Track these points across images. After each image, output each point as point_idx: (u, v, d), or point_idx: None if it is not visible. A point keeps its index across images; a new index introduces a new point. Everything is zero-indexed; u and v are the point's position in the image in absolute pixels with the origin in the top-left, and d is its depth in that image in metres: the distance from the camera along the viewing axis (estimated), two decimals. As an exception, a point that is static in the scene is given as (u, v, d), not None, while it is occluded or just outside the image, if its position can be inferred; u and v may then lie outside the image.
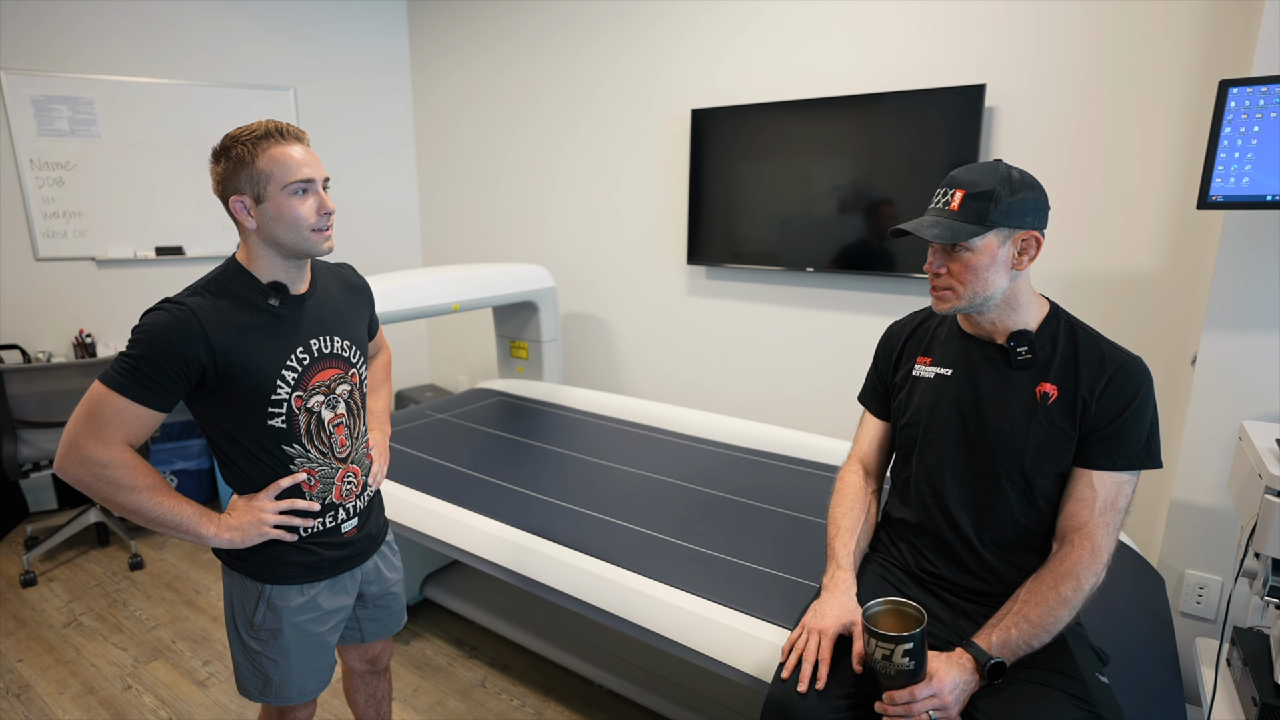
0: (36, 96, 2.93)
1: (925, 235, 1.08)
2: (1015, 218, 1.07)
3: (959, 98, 2.19)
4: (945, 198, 1.11)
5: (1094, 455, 1.09)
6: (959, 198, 1.09)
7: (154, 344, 1.03)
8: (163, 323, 1.04)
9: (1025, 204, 1.08)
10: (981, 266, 1.08)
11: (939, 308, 1.15)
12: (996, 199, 1.06)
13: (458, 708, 1.95)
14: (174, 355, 1.03)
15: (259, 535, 1.15)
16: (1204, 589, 1.79)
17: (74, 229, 3.08)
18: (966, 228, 1.07)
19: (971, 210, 1.07)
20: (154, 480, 1.08)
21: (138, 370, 1.03)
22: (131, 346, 1.04)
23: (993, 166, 1.09)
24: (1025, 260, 1.10)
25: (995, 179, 1.07)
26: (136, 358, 1.03)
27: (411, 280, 2.50)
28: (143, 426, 1.06)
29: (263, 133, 1.08)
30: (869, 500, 1.31)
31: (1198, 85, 1.89)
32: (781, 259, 2.66)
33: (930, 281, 1.15)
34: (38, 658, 2.16)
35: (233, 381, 1.09)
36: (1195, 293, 1.94)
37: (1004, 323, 1.15)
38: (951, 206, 1.09)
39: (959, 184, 1.10)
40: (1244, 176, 1.49)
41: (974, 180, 1.08)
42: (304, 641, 1.23)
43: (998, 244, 1.08)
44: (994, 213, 1.06)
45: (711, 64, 2.78)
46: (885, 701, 1.01)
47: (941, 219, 1.10)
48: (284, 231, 1.10)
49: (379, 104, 3.87)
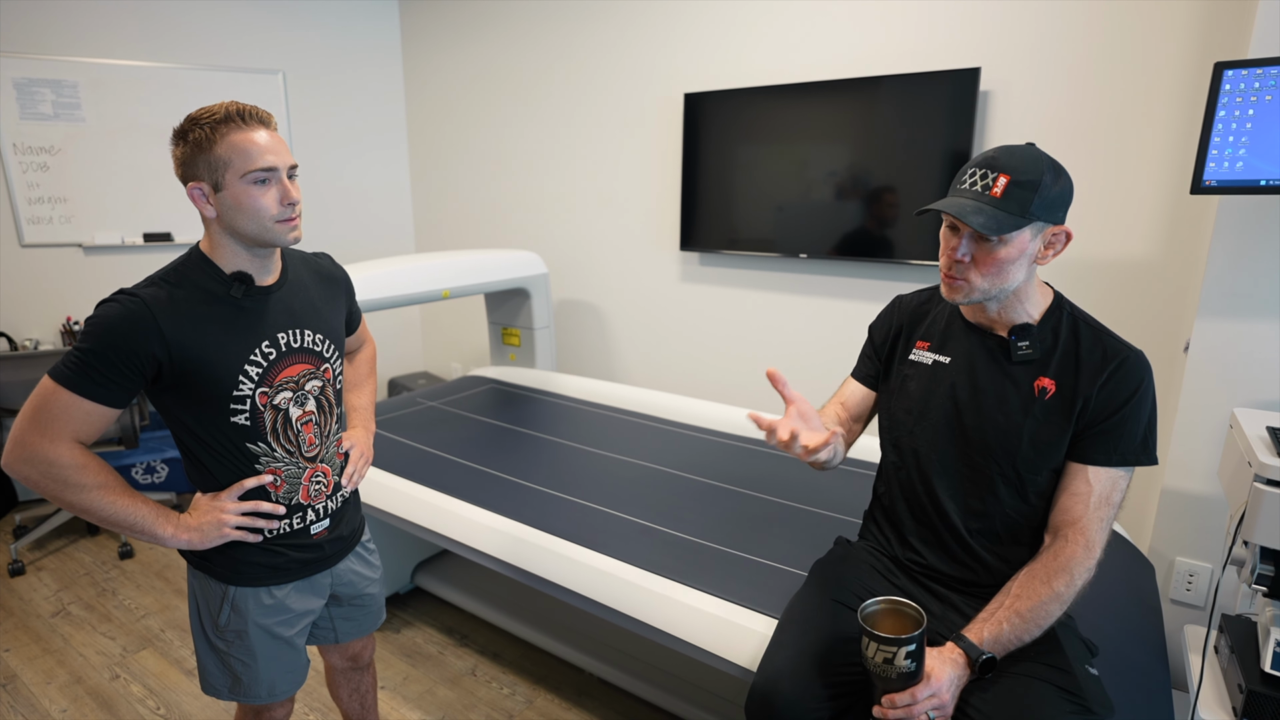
0: (18, 79, 2.88)
1: (971, 223, 0.99)
2: (1053, 210, 1.02)
3: (954, 81, 2.17)
4: (986, 180, 1.02)
5: (1090, 450, 1.08)
6: (1003, 184, 1.00)
7: (104, 338, 0.99)
8: (114, 315, 0.99)
9: (1062, 195, 1.02)
10: (1009, 260, 1.03)
11: (951, 296, 1.10)
12: (1042, 189, 0.99)
13: (448, 696, 1.95)
14: (124, 349, 0.99)
15: (219, 537, 1.10)
16: (1193, 576, 1.79)
17: (60, 215, 3.04)
18: (1010, 219, 0.99)
19: (1016, 200, 0.99)
20: (105, 479, 1.03)
21: (87, 365, 0.98)
22: (82, 340, 1.00)
23: (1035, 153, 1.02)
24: (1050, 255, 1.06)
25: (1041, 166, 1.00)
26: (85, 351, 0.99)
27: (400, 266, 2.47)
28: (93, 423, 1.01)
29: (223, 116, 1.01)
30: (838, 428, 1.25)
31: (1193, 69, 1.87)
32: (776, 245, 2.64)
33: (947, 269, 1.08)
34: (25, 647, 2.15)
35: (191, 376, 1.04)
36: (1189, 279, 1.93)
37: (1008, 314, 1.12)
38: (994, 192, 1.00)
39: (1003, 168, 1.01)
40: (1238, 161, 1.47)
41: (1019, 166, 1.01)
42: (271, 644, 1.19)
43: (1030, 237, 1.03)
44: (1036, 204, 0.99)
45: (705, 47, 2.75)
46: (885, 705, 0.99)
47: (984, 205, 1.01)
48: (244, 222, 1.04)
49: (370, 88, 3.82)
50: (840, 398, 1.33)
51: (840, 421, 1.28)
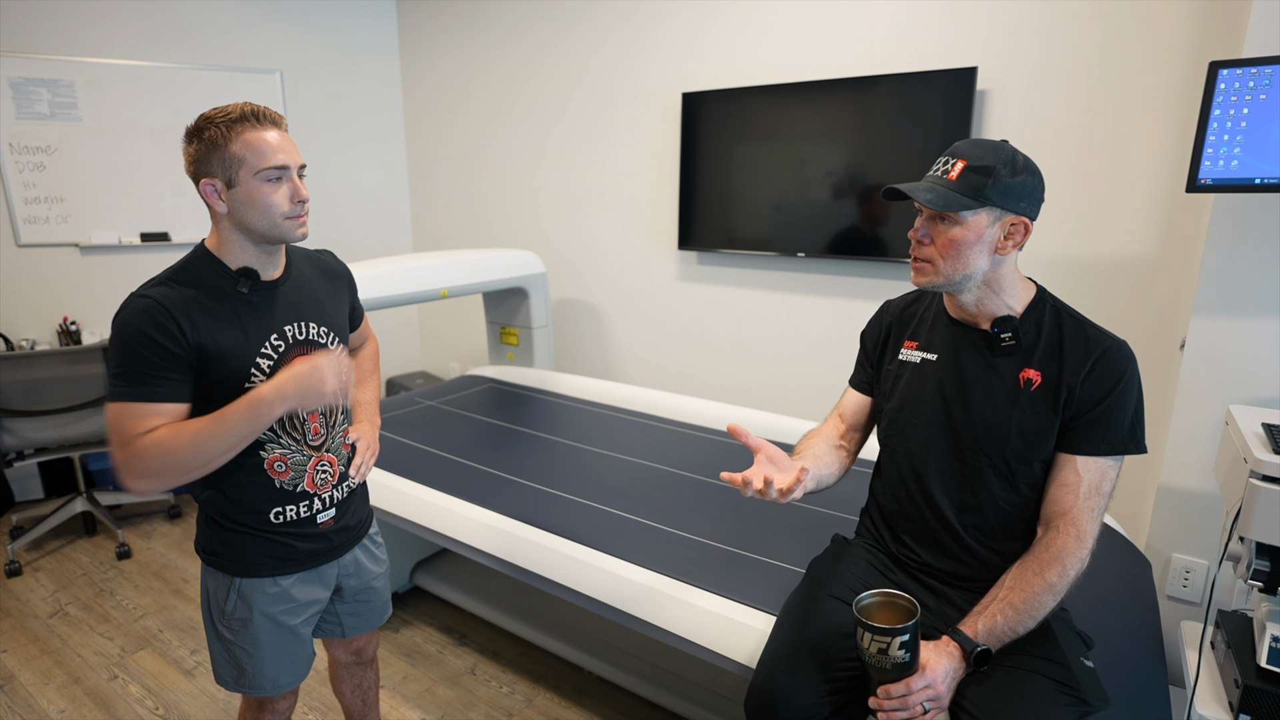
0: (14, 79, 2.87)
1: (918, 198, 1.07)
2: (1010, 199, 1.06)
3: (951, 80, 2.17)
4: (945, 166, 1.09)
5: (1078, 440, 1.09)
6: (959, 168, 1.07)
7: (134, 342, 1.00)
8: (134, 319, 1.01)
9: (1022, 187, 1.06)
10: (966, 243, 1.07)
11: (916, 280, 1.14)
12: (996, 176, 1.05)
13: (447, 695, 1.95)
14: (157, 345, 1.01)
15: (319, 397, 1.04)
16: (1190, 573, 1.80)
17: (56, 214, 3.04)
18: (960, 199, 1.05)
19: (969, 183, 1.05)
20: (188, 427, 1.01)
21: (132, 374, 1.00)
22: (116, 355, 1.01)
23: (998, 145, 1.08)
24: (1010, 245, 1.08)
25: (998, 156, 1.06)
26: (123, 363, 1.00)
27: (398, 266, 2.47)
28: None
29: (238, 115, 1.05)
30: (838, 445, 1.29)
31: (1189, 68, 1.88)
32: (773, 244, 2.64)
33: (911, 251, 1.14)
34: (22, 648, 2.15)
35: (206, 370, 1.06)
36: (1185, 277, 1.94)
37: (987, 307, 1.14)
38: (950, 176, 1.07)
39: (961, 155, 1.08)
40: (1233, 159, 1.48)
41: (977, 154, 1.07)
42: (275, 632, 1.22)
43: (987, 223, 1.06)
44: (990, 189, 1.04)
45: (703, 46, 2.75)
46: (880, 696, 1.00)
47: (937, 186, 1.08)
48: (255, 218, 1.07)
49: (367, 88, 3.81)
50: (839, 409, 1.36)
51: (840, 434, 1.32)
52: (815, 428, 1.35)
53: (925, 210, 1.11)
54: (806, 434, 1.33)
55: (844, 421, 1.34)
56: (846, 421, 1.34)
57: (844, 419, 1.34)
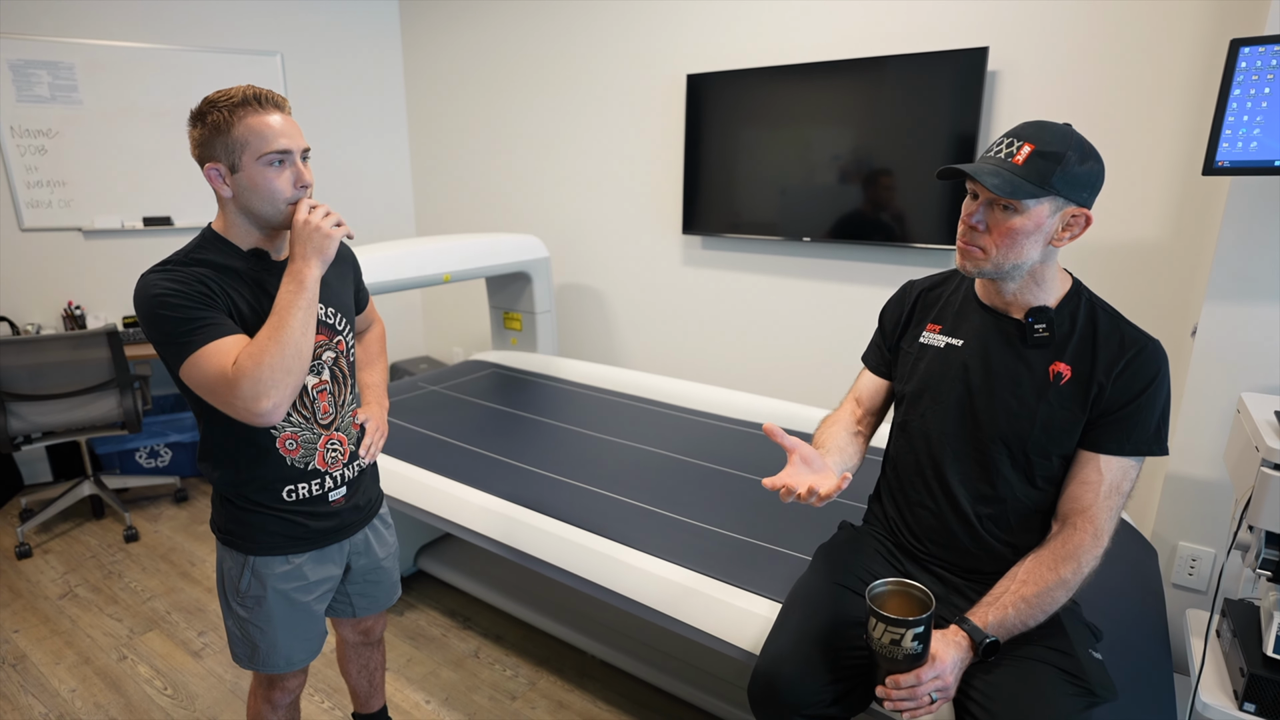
0: (14, 61, 2.85)
1: (985, 183, 0.99)
2: (1075, 189, 1.00)
3: (961, 61, 2.13)
4: (1010, 148, 1.02)
5: (1103, 439, 1.07)
6: (1026, 152, 1.00)
7: (170, 300, 1.00)
8: (159, 284, 1.02)
9: (1088, 176, 1.01)
10: (1024, 233, 1.02)
11: (966, 267, 1.09)
12: (1065, 163, 0.99)
13: (451, 678, 1.97)
14: (193, 294, 1.02)
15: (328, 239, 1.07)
16: (1196, 561, 1.79)
17: (59, 199, 3.03)
18: (1027, 185, 0.99)
19: (1036, 169, 0.99)
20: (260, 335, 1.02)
21: (183, 328, 1.00)
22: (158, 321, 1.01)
23: (1065, 129, 1.02)
24: (1067, 237, 1.04)
25: (1068, 142, 1.00)
26: (170, 322, 1.00)
27: (401, 250, 2.46)
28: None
29: (241, 99, 1.04)
30: (856, 431, 1.28)
31: (1206, 48, 1.83)
32: (779, 228, 2.62)
33: (962, 236, 1.07)
34: (33, 628, 2.17)
35: None
36: (1198, 262, 1.91)
37: (1025, 297, 1.10)
38: (1016, 159, 1.00)
39: (1028, 138, 1.01)
40: (1252, 141, 1.45)
41: (1045, 138, 1.00)
42: (289, 609, 1.23)
43: (1048, 213, 1.01)
44: (1057, 177, 0.99)
45: (707, 27, 2.70)
46: (889, 685, 0.99)
47: (1002, 170, 1.01)
48: (258, 203, 1.07)
49: (369, 70, 3.77)
50: (855, 392, 1.33)
51: (857, 419, 1.30)
52: (832, 413, 1.32)
53: (983, 194, 1.04)
54: (824, 420, 1.31)
55: (860, 406, 1.31)
56: (863, 406, 1.31)
57: (860, 403, 1.32)
